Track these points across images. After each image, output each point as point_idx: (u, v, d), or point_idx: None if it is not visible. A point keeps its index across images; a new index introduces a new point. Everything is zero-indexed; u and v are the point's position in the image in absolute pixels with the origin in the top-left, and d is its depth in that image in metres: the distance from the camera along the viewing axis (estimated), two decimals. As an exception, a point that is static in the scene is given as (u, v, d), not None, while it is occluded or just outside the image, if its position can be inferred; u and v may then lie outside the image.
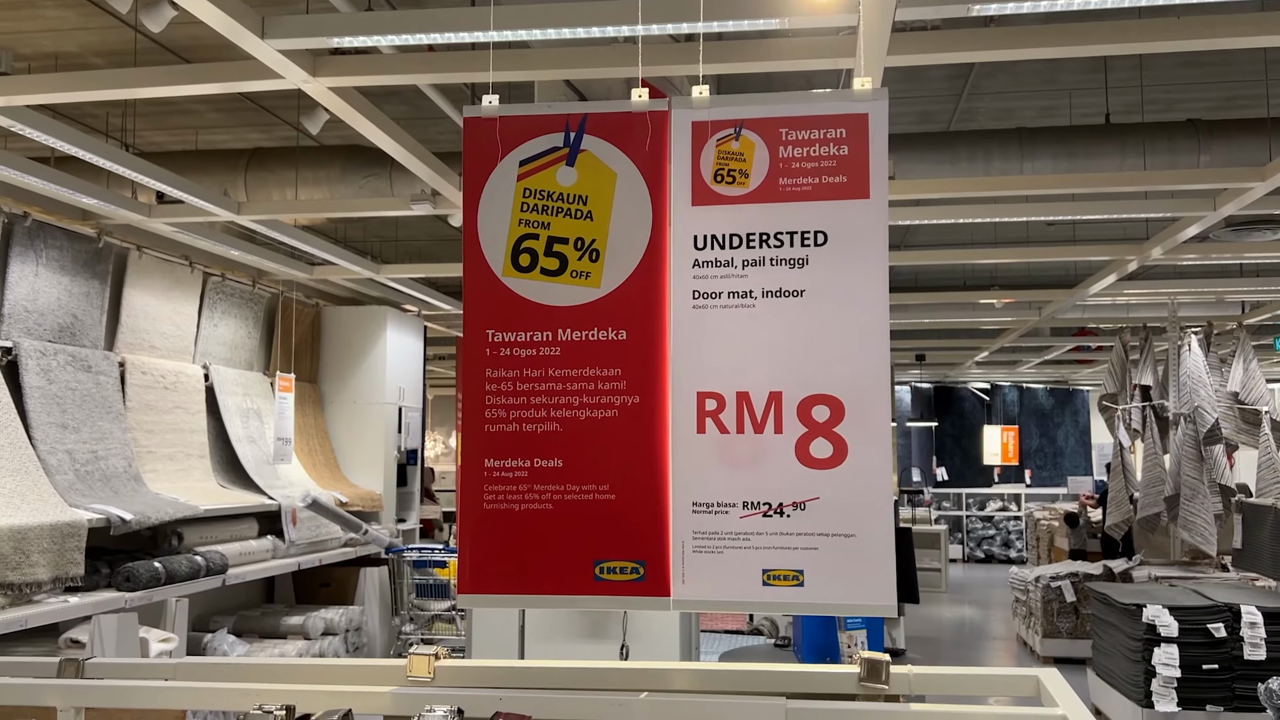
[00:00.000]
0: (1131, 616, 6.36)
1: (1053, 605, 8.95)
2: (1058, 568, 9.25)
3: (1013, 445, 16.06)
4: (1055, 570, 9.13)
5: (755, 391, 1.28)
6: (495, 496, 1.33)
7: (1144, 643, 6.15)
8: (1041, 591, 8.94)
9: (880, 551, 1.26)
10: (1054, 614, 8.97)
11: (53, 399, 5.31)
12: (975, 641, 10.79)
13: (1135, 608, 6.33)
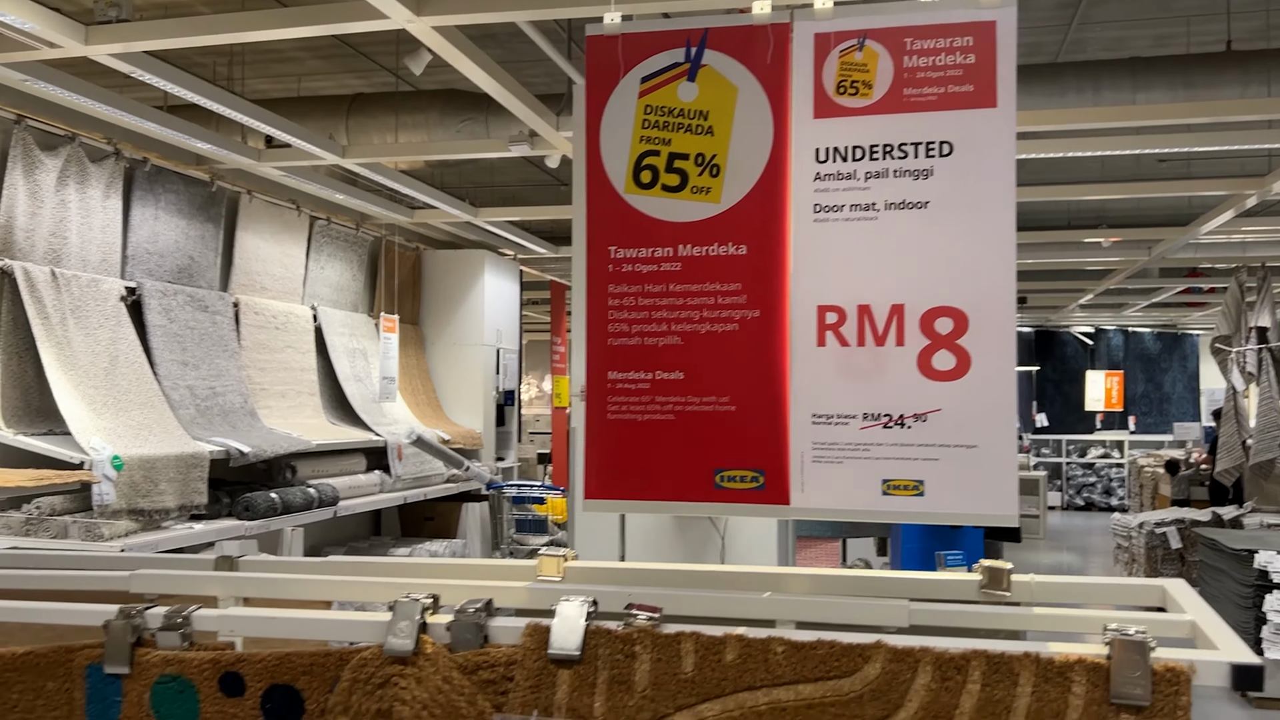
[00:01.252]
0: (1242, 562, 6.18)
1: (1157, 552, 8.74)
2: (1163, 514, 9.01)
3: (1117, 391, 15.58)
4: (1161, 516, 8.89)
5: (877, 304, 1.29)
6: (618, 408, 1.37)
7: (1255, 589, 5.98)
8: (1145, 538, 8.73)
9: (1002, 462, 1.26)
10: (1158, 560, 8.75)
11: (174, 337, 5.56)
12: (1075, 587, 10.62)
13: (1246, 553, 6.15)
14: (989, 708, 0.99)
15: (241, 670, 1.14)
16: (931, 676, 1.01)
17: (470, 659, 1.09)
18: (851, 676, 1.03)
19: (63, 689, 1.18)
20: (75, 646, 1.18)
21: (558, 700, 1.07)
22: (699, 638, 1.06)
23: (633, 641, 1.07)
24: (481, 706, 1.08)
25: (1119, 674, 0.97)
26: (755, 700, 1.03)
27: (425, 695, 1.09)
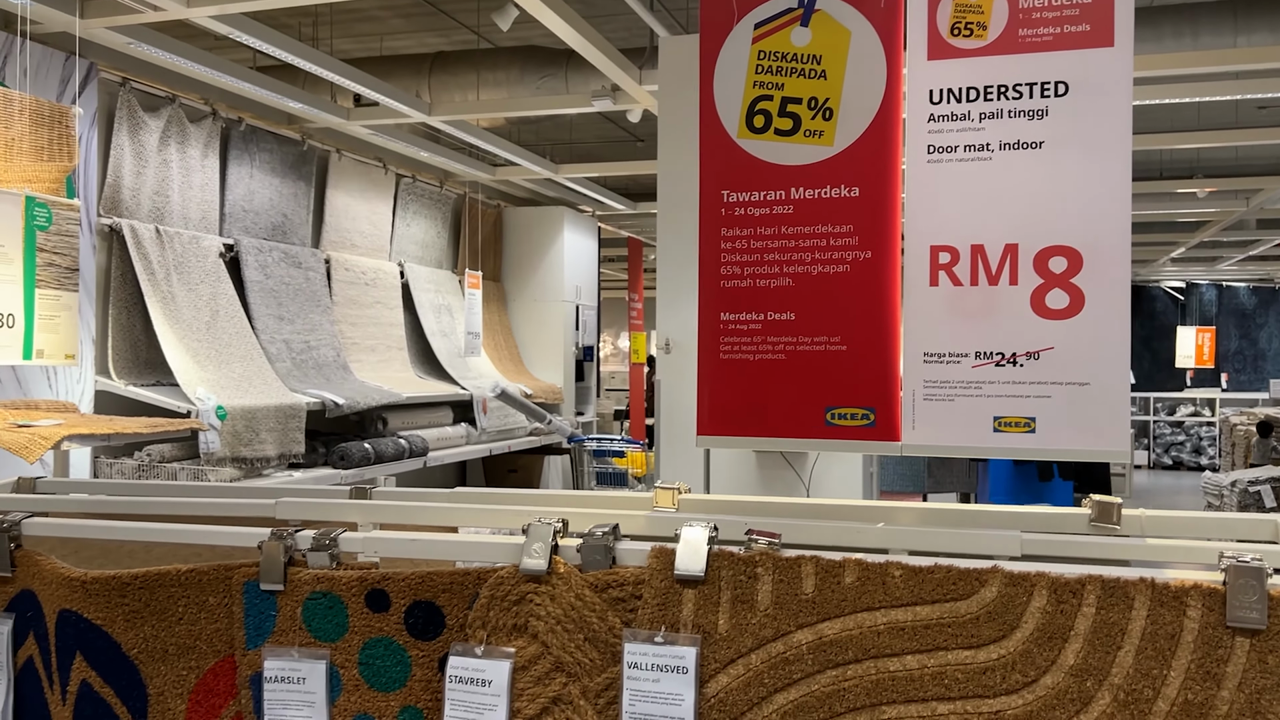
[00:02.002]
0: (1342, 521, 6.02)
1: (1249, 510, 8.53)
2: (1257, 472, 8.77)
3: (1208, 347, 15.12)
4: (1255, 475, 8.67)
5: (990, 244, 1.31)
6: (731, 348, 1.41)
7: (1355, 548, 5.83)
8: (1238, 496, 8.52)
9: (1115, 398, 1.28)
10: (1251, 520, 8.55)
11: (269, 293, 5.75)
12: (1161, 546, 10.43)
13: (1347, 511, 5.98)
14: (1103, 630, 1.03)
15: (387, 588, 1.22)
16: (1047, 600, 1.05)
17: (600, 578, 1.16)
18: (968, 599, 1.07)
19: (223, 603, 1.28)
20: (233, 565, 1.28)
21: (684, 617, 1.13)
22: (819, 561, 1.11)
23: (755, 563, 1.12)
24: (611, 622, 1.15)
25: (1235, 598, 1.00)
26: (874, 620, 1.08)
27: (559, 611, 1.16)
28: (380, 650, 1.23)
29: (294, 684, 1.25)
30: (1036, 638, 1.04)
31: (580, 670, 1.16)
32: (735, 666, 1.11)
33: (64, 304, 3.87)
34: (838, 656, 1.08)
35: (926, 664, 1.06)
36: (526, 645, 1.18)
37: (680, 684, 1.11)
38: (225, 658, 1.29)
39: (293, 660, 1.25)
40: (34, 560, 1.36)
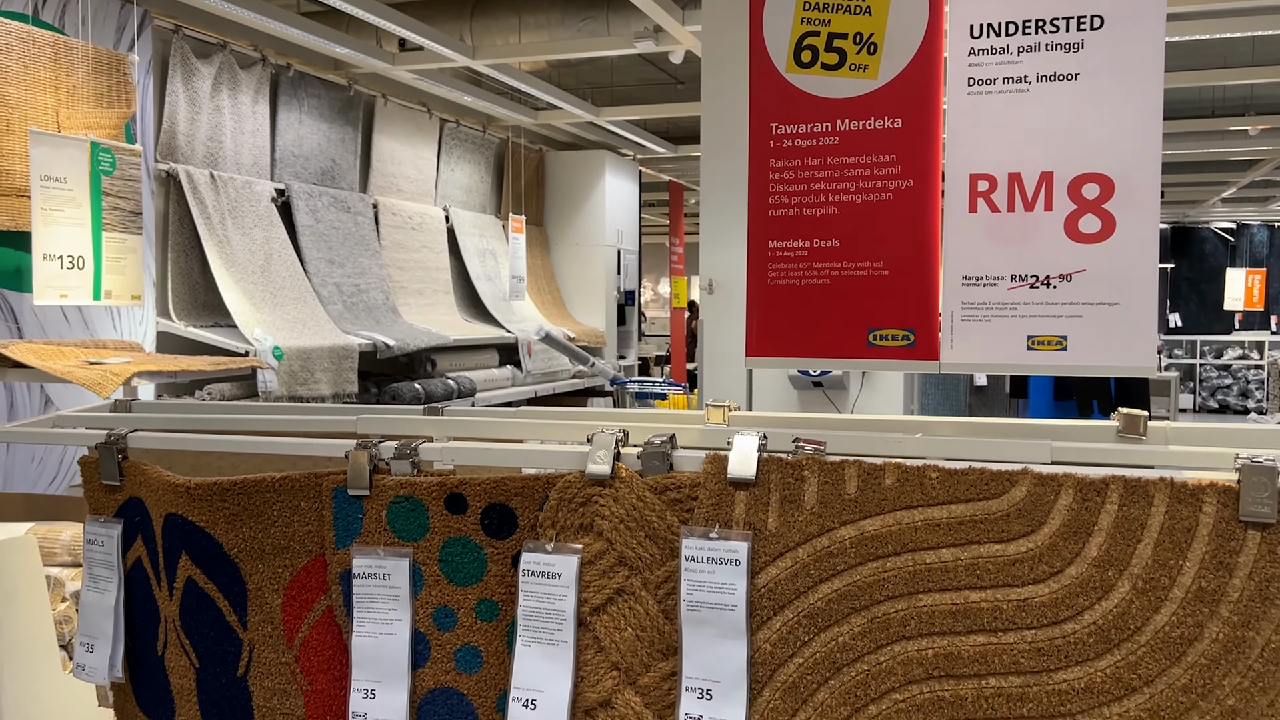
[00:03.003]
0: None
1: (1295, 452, 8.49)
2: (1303, 414, 8.71)
3: (1258, 289, 14.87)
4: (1300, 416, 8.61)
5: (1027, 172, 1.38)
6: (778, 273, 1.50)
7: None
8: (1283, 438, 8.49)
9: (1143, 317, 1.35)
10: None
11: (320, 237, 5.88)
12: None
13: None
14: (1125, 525, 1.11)
15: (464, 491, 1.34)
16: (1073, 498, 1.13)
17: (659, 481, 1.27)
18: (999, 498, 1.16)
19: (314, 507, 1.40)
20: (323, 473, 1.40)
21: (736, 516, 1.23)
22: (861, 464, 1.20)
23: (801, 467, 1.22)
24: (670, 520, 1.26)
25: (1248, 495, 1.08)
26: (911, 518, 1.18)
27: (622, 511, 1.27)
28: (458, 549, 1.35)
29: (380, 580, 1.37)
30: (1062, 532, 1.13)
31: (642, 564, 1.27)
32: (784, 560, 1.21)
33: (129, 246, 4.03)
34: (878, 550, 1.18)
35: (960, 557, 1.16)
36: (593, 542, 1.29)
37: (733, 575, 1.22)
38: (316, 557, 1.41)
39: (378, 558, 1.37)
40: (140, 470, 1.50)
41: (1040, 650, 1.14)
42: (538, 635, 1.30)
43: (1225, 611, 1.09)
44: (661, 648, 1.27)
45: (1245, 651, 1.09)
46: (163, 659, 1.52)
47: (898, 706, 1.18)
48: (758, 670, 1.22)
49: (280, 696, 1.45)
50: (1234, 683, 1.10)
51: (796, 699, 1.21)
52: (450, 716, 1.37)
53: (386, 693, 1.38)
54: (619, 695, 1.29)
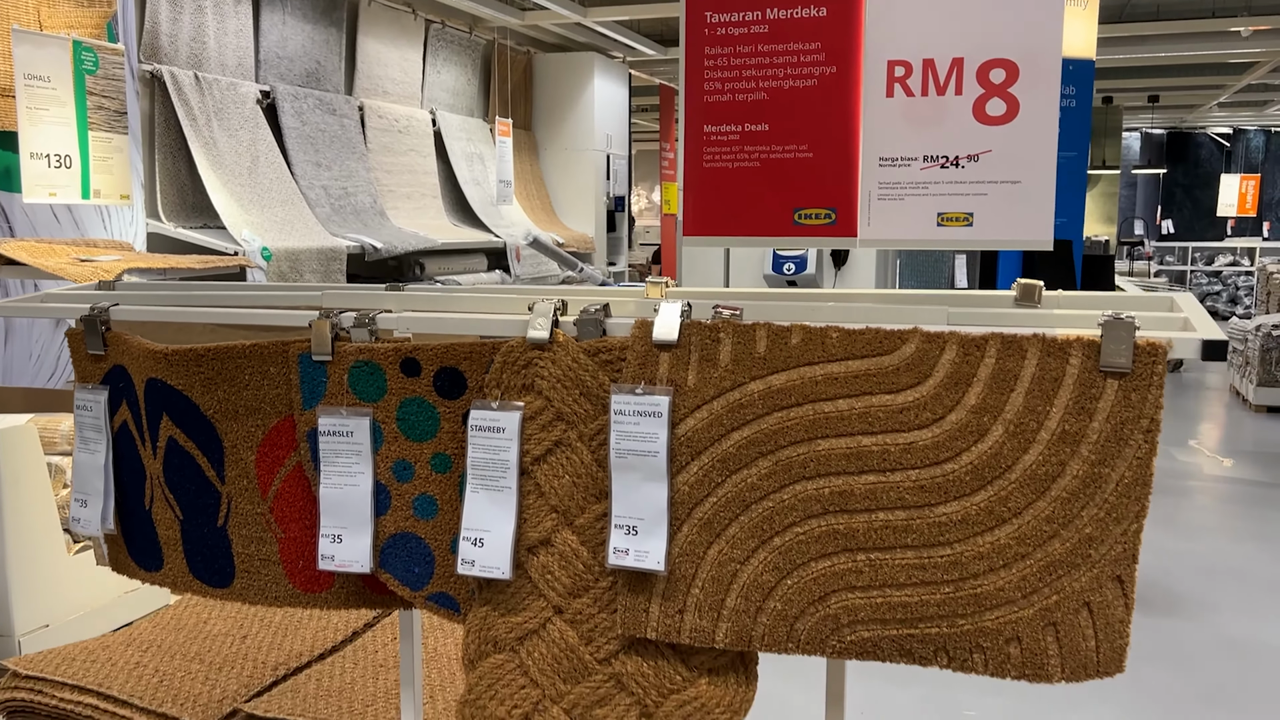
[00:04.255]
0: (1353, 359, 6.14)
1: (1271, 354, 8.65)
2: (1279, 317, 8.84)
3: (1252, 195, 14.87)
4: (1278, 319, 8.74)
5: (940, 57, 1.47)
6: (712, 157, 1.60)
7: (1363, 385, 5.98)
8: (1261, 340, 8.64)
9: (1042, 196, 1.46)
10: (1272, 363, 8.68)
11: (306, 139, 5.92)
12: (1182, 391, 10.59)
13: (1358, 350, 6.10)
14: (1001, 376, 1.24)
15: (418, 356, 1.47)
16: (956, 353, 1.26)
17: (593, 345, 1.39)
18: (892, 354, 1.28)
19: (282, 372, 1.53)
20: (289, 340, 1.52)
21: (659, 374, 1.36)
22: (770, 326, 1.32)
23: (718, 330, 1.34)
24: (602, 379, 1.39)
25: (1108, 347, 1.20)
26: (814, 373, 1.31)
27: (559, 372, 1.40)
28: (414, 408, 1.49)
29: (343, 437, 1.51)
30: (945, 383, 1.26)
31: (577, 419, 1.41)
32: (700, 412, 1.35)
33: (115, 146, 4.10)
34: (783, 402, 1.32)
35: (855, 406, 1.29)
36: (533, 400, 1.42)
37: (656, 426, 1.35)
38: (286, 417, 1.55)
39: (342, 417, 1.51)
40: (122, 339, 1.62)
41: (923, 488, 1.28)
42: (485, 482, 1.44)
43: (1085, 451, 1.23)
44: (594, 492, 1.42)
45: (1102, 486, 1.23)
46: (150, 513, 1.67)
47: (798, 539, 1.33)
48: (677, 509, 1.37)
49: (257, 544, 1.60)
50: (1091, 514, 1.24)
51: (711, 533, 1.36)
52: (410, 558, 1.53)
53: (352, 538, 1.53)
54: (558, 534, 1.44)
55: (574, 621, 1.45)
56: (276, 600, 1.63)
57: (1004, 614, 1.28)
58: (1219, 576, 5.08)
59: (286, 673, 2.19)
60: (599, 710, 1.46)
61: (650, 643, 1.43)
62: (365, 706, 2.00)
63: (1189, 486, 6.76)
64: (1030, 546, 1.26)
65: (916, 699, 3.76)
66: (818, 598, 1.34)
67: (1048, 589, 1.26)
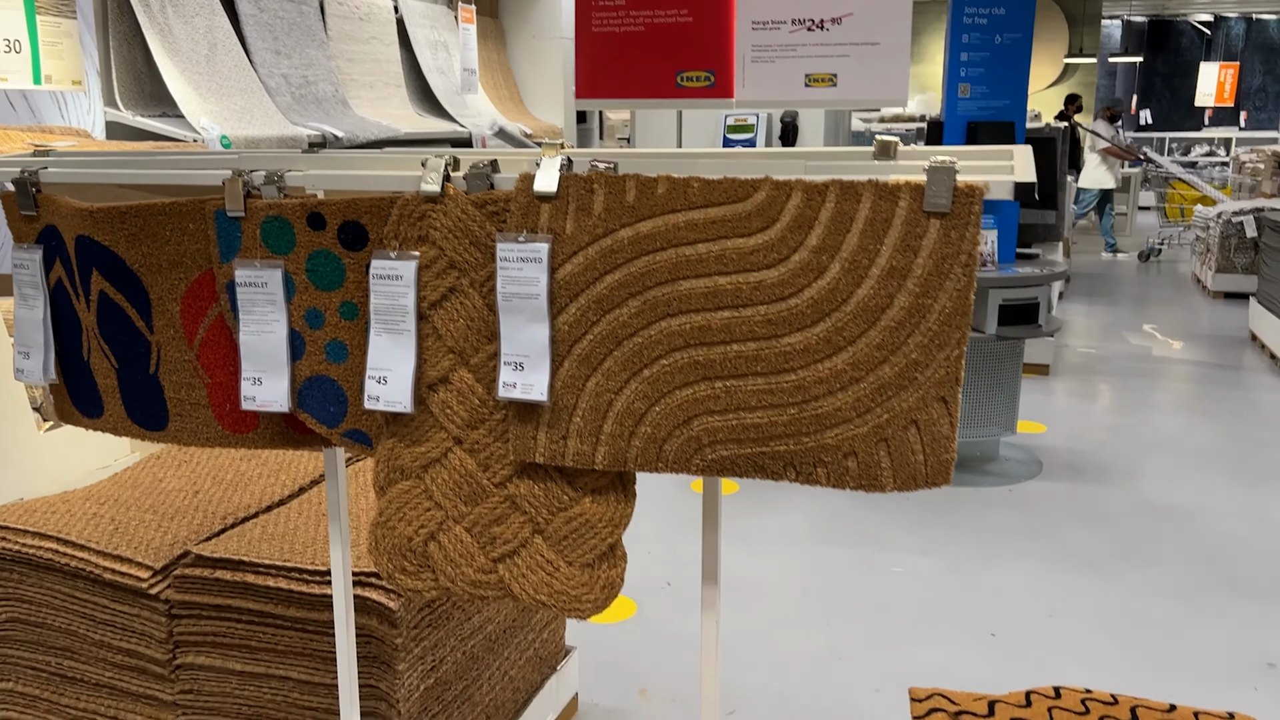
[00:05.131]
0: (1298, 241, 6.30)
1: (1231, 241, 8.79)
2: (1244, 204, 8.96)
3: (1230, 84, 14.80)
4: (1241, 205, 8.86)
5: (804, -76, 1.56)
6: (600, 22, 1.70)
7: (1306, 266, 6.14)
8: (1222, 226, 8.77)
9: (897, 56, 1.57)
10: (1231, 249, 8.83)
11: (265, 26, 5.89)
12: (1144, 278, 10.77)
13: (1303, 232, 6.25)
14: (839, 218, 1.38)
15: (322, 210, 1.59)
16: (801, 199, 1.39)
17: (480, 198, 1.52)
18: (745, 201, 1.41)
19: (199, 228, 1.66)
20: (206, 198, 1.64)
21: (540, 223, 1.49)
22: (639, 178, 1.45)
23: (592, 181, 1.46)
24: (489, 229, 1.52)
25: (931, 190, 1.33)
26: (677, 219, 1.44)
27: (450, 223, 1.53)
28: (321, 260, 1.62)
29: (259, 288, 1.64)
30: (791, 226, 1.40)
31: (468, 266, 1.54)
32: (577, 257, 1.48)
33: (64, 31, 4.11)
34: (650, 247, 1.45)
35: (712, 249, 1.43)
36: (428, 250, 1.55)
37: (537, 271, 1.49)
38: (206, 270, 1.68)
39: (256, 269, 1.64)
40: (52, 199, 1.74)
41: (770, 321, 1.42)
42: (387, 326, 1.58)
43: (911, 285, 1.37)
44: (486, 334, 1.56)
45: (926, 316, 1.38)
46: (89, 363, 1.81)
47: (664, 370, 1.48)
48: (558, 346, 1.51)
49: (187, 389, 1.74)
50: (917, 341, 1.39)
51: (589, 367, 1.51)
52: (325, 398, 1.68)
53: (271, 380, 1.67)
54: (455, 373, 1.59)
55: (472, 450, 1.61)
56: (208, 441, 1.78)
57: (842, 431, 1.44)
58: (1147, 446, 5.32)
59: (235, 521, 2.37)
60: (496, 528, 1.63)
61: (540, 467, 1.59)
62: (306, 547, 2.18)
63: (1137, 368, 6.98)
64: (864, 371, 1.41)
65: (855, 559, 4.01)
66: (682, 422, 1.49)
67: (880, 409, 1.42)
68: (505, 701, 2.50)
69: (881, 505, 4.51)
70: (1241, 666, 3.15)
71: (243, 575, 2.10)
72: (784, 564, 3.92)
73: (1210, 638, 3.33)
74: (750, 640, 3.34)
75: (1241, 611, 3.52)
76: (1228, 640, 3.32)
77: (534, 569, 1.63)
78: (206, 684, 2.17)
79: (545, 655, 2.73)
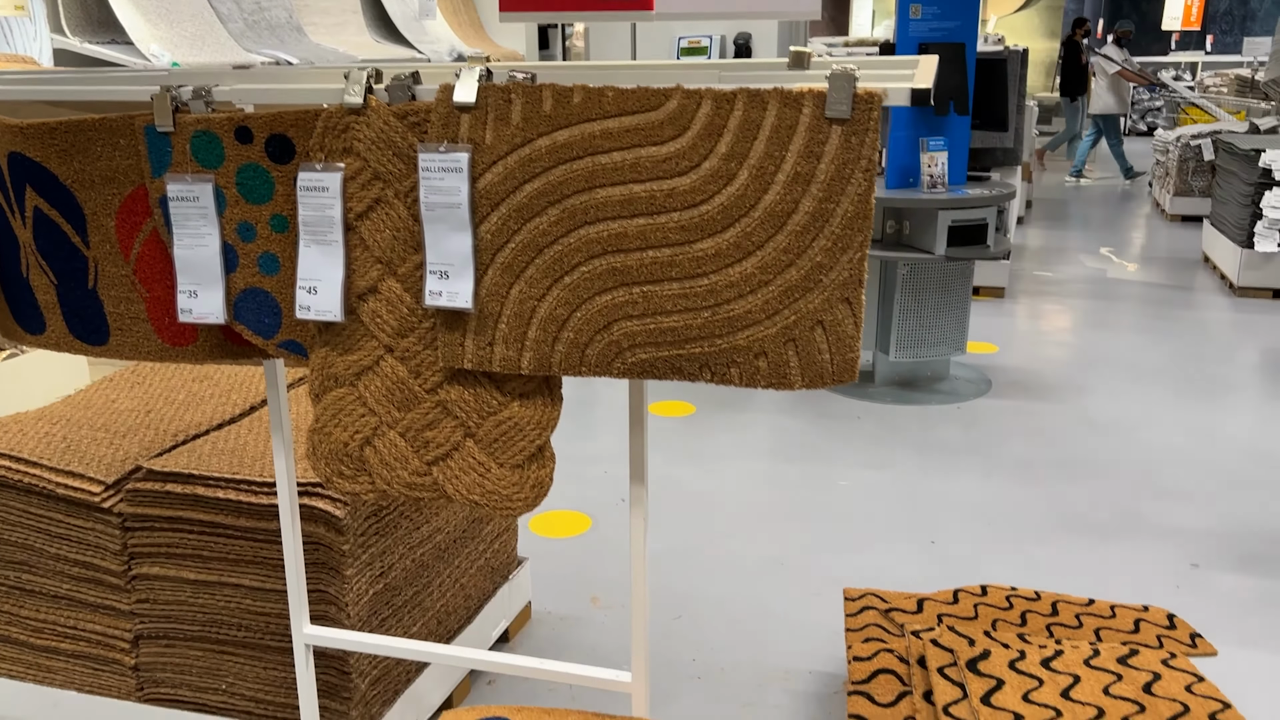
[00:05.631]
0: (1249, 162, 6.39)
1: (1189, 164, 8.88)
2: (1203, 127, 9.03)
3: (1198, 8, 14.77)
4: (1199, 129, 8.94)
5: None
6: (524, -64, 1.72)
7: (1256, 187, 6.24)
8: (1180, 150, 8.85)
9: (810, -32, 1.61)
10: (1188, 173, 8.92)
11: (214, -50, 5.77)
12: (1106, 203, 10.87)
13: (1254, 153, 6.34)
14: (747, 126, 1.42)
15: (249, 124, 1.62)
16: (710, 107, 1.43)
17: (402, 109, 1.55)
18: (658, 110, 1.45)
19: (130, 143, 1.68)
20: (135, 113, 1.66)
21: (460, 133, 1.53)
22: (555, 88, 1.49)
23: (510, 91, 1.50)
24: (411, 140, 1.55)
25: (832, 97, 1.38)
26: (593, 128, 1.48)
27: (373, 134, 1.57)
28: (250, 173, 1.65)
29: (191, 201, 1.68)
30: (701, 134, 1.45)
31: (392, 177, 1.58)
32: (497, 167, 1.53)
33: (3, -47, 4.03)
34: (567, 155, 1.49)
35: (626, 158, 1.47)
36: (352, 161, 1.59)
37: (458, 180, 1.53)
38: (139, 185, 1.71)
39: (188, 184, 1.67)
40: (-17, 118, 1.75)
41: (684, 227, 1.48)
42: (315, 238, 1.63)
43: (815, 190, 1.43)
44: (412, 244, 1.61)
45: (829, 220, 1.44)
46: (28, 280, 1.84)
47: (584, 276, 1.54)
48: (482, 255, 1.57)
49: (126, 303, 1.78)
50: (821, 244, 1.45)
51: (511, 275, 1.56)
52: (260, 310, 1.73)
53: (206, 293, 1.72)
54: (383, 282, 1.64)
55: (403, 358, 1.67)
56: (149, 355, 1.83)
57: (753, 333, 1.51)
58: (1095, 365, 5.46)
59: (186, 438, 2.42)
60: (429, 432, 1.69)
61: (469, 373, 1.66)
62: (254, 461, 2.24)
63: (1091, 290, 7.10)
64: (772, 274, 1.47)
65: (804, 474, 4.12)
66: (602, 327, 1.56)
67: (787, 310, 1.49)
68: (457, 608, 2.60)
69: (832, 424, 4.63)
70: (1166, 568, 3.30)
71: (193, 488, 2.17)
72: (735, 480, 4.03)
73: (1139, 542, 3.48)
74: (698, 551, 3.45)
75: (1171, 517, 3.67)
76: (1156, 544, 3.47)
77: (466, 471, 1.70)
78: (162, 593, 2.25)
79: (497, 565, 2.82)
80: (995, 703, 1.91)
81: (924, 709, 1.98)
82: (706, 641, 2.92)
